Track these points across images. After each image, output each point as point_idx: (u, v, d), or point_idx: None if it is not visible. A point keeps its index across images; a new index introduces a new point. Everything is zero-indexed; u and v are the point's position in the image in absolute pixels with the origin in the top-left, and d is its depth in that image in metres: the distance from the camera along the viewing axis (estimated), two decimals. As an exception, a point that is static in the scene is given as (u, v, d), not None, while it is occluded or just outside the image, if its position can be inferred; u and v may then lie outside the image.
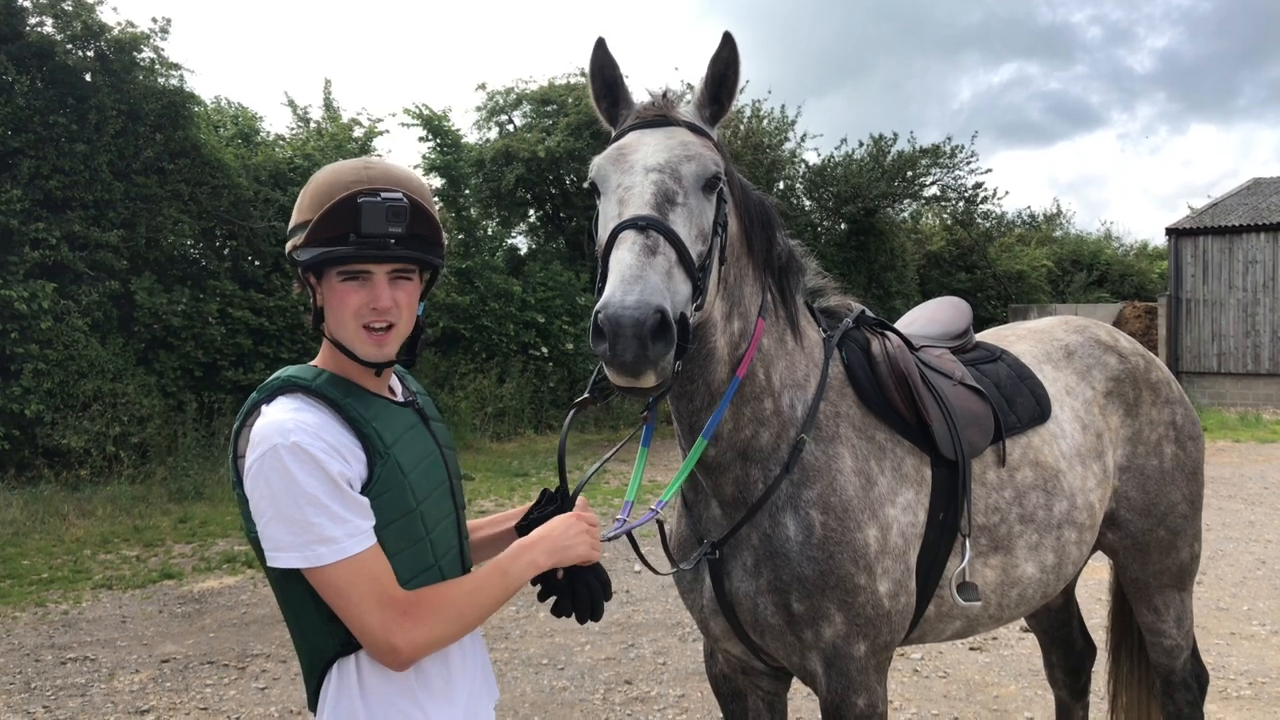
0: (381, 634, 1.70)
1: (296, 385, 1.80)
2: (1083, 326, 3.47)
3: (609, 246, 2.02)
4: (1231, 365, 21.73)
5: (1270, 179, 24.42)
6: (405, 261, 1.83)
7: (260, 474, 1.69)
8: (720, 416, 2.38)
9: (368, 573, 1.70)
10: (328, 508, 1.68)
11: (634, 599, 7.04)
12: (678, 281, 1.99)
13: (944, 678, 5.47)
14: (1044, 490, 2.91)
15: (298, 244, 1.80)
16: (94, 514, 9.93)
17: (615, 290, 1.89)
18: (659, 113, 2.28)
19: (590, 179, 2.26)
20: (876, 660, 2.53)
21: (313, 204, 1.81)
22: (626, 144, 2.23)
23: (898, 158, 22.72)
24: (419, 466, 1.87)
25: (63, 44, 11.59)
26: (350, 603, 1.70)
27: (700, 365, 2.35)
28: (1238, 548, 8.54)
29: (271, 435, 1.70)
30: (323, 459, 1.69)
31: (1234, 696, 5.15)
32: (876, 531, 2.49)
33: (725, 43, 2.27)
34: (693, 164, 2.16)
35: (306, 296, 1.89)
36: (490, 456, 13.98)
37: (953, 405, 2.73)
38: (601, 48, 2.34)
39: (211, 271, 13.34)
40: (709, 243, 2.15)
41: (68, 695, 5.42)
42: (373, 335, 1.82)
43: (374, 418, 1.81)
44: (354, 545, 1.70)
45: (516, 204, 18.61)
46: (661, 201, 2.07)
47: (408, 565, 1.81)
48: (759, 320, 2.45)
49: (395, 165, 1.92)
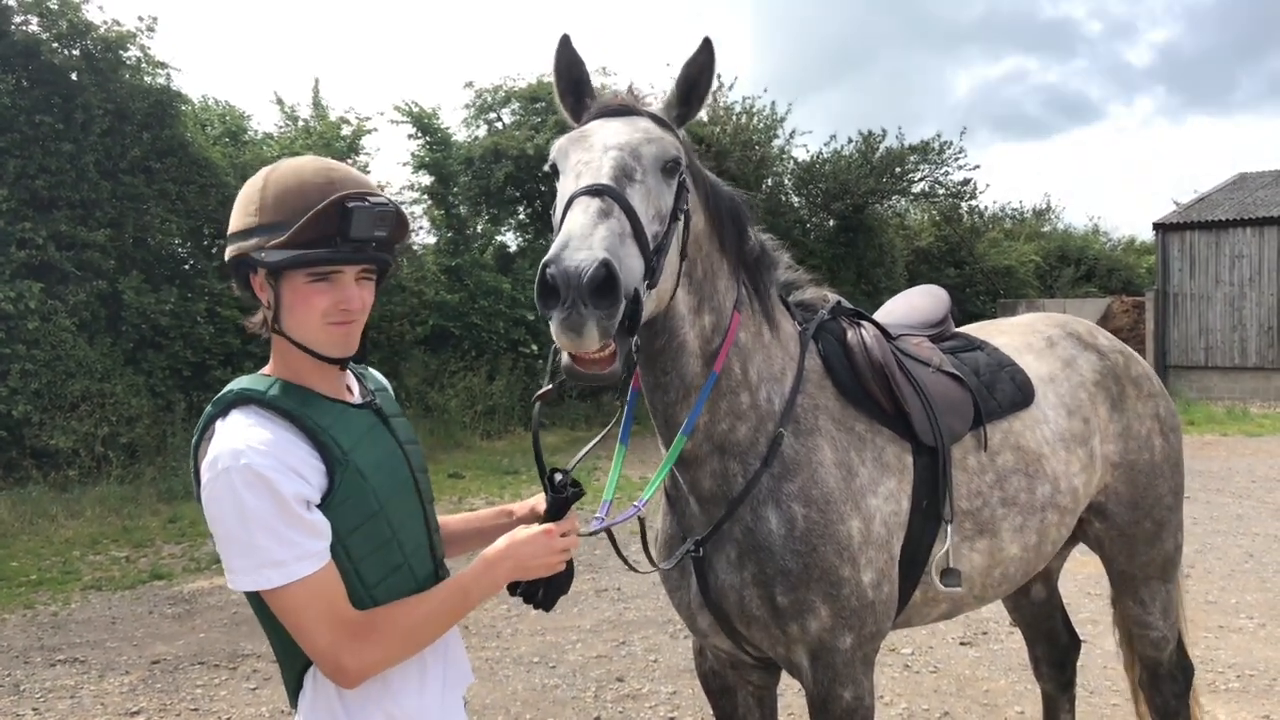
0: (331, 655, 1.72)
1: (250, 398, 1.80)
2: (1062, 322, 3.50)
3: (563, 215, 2.01)
4: (1219, 359, 21.83)
5: (1256, 173, 24.51)
6: (377, 264, 1.85)
7: (213, 497, 1.71)
8: (698, 413, 2.38)
9: (317, 595, 1.72)
10: (276, 531, 1.68)
11: (625, 596, 7.05)
12: (630, 252, 1.97)
13: (934, 672, 5.49)
14: (1025, 474, 2.92)
15: (264, 245, 1.77)
16: (83, 515, 9.89)
17: (564, 243, 1.88)
18: (623, 104, 2.29)
19: (551, 160, 2.26)
20: (863, 652, 2.54)
21: (279, 206, 1.79)
22: (589, 128, 2.24)
23: (886, 154, 22.72)
24: (380, 468, 1.87)
25: (48, 43, 11.49)
26: (300, 624, 1.72)
27: (672, 358, 2.36)
28: (1226, 541, 8.59)
29: (223, 457, 1.70)
30: (274, 479, 1.69)
31: (1222, 689, 5.18)
32: (859, 523, 2.50)
33: (703, 48, 2.28)
34: (653, 146, 2.16)
35: (249, 297, 1.86)
36: (481, 454, 13.97)
37: (931, 392, 2.75)
38: (566, 45, 2.34)
39: (199, 270, 13.27)
40: (666, 226, 2.14)
41: (57, 697, 5.40)
42: (340, 328, 1.82)
43: (330, 425, 1.81)
44: (302, 568, 1.70)
45: (505, 201, 18.57)
46: (619, 175, 2.07)
47: (376, 567, 1.83)
48: (735, 314, 2.45)
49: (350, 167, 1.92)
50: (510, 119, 18.88)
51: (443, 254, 16.86)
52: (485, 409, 15.52)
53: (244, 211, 1.83)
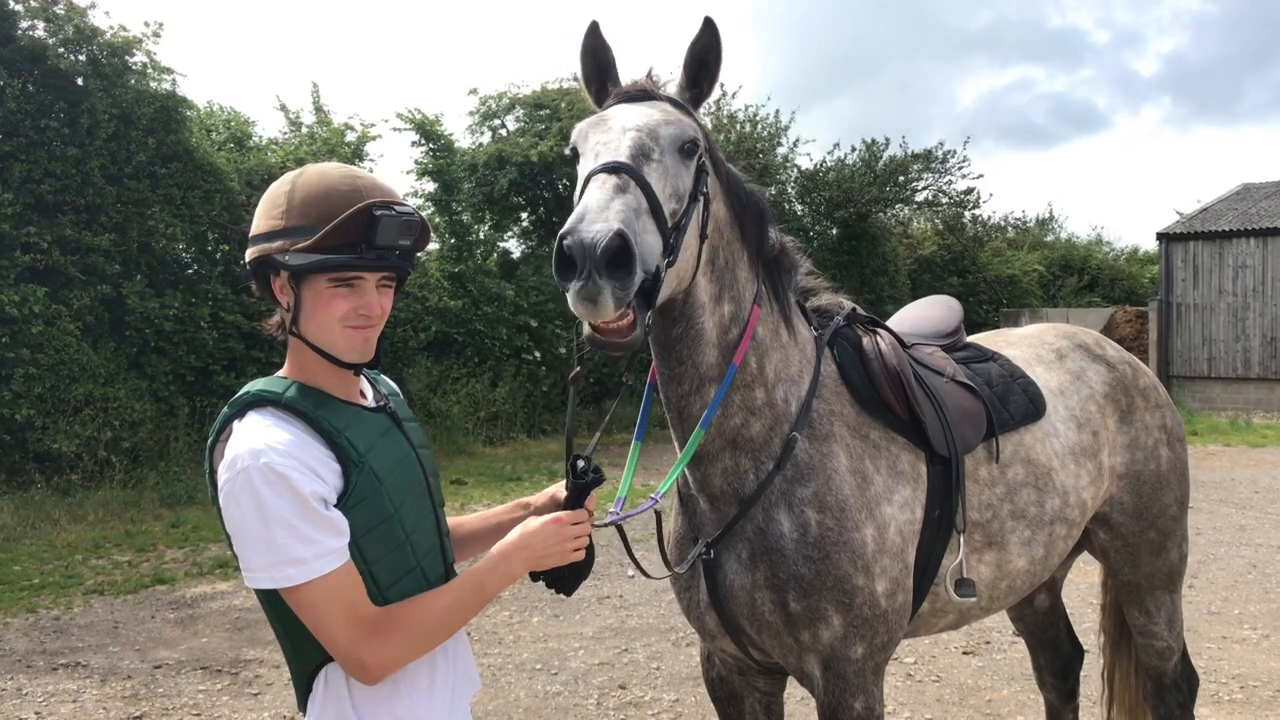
0: (350, 651, 1.74)
1: (266, 399, 1.81)
2: (1071, 333, 3.50)
3: (581, 192, 2.04)
4: (1222, 370, 21.81)
5: (1260, 184, 24.51)
6: (398, 271, 1.87)
7: (231, 496, 1.72)
8: (717, 405, 2.38)
9: (337, 592, 1.73)
10: (297, 529, 1.70)
11: (628, 604, 7.04)
12: (646, 228, 1.99)
13: (937, 681, 5.48)
14: (1036, 488, 2.92)
15: (289, 248, 1.79)
16: (85, 519, 9.90)
17: (580, 215, 1.91)
18: (642, 89, 2.32)
19: (572, 144, 2.28)
20: (874, 662, 2.52)
21: (304, 210, 1.80)
22: (609, 112, 2.27)
23: (890, 162, 22.78)
24: (394, 471, 1.88)
25: (54, 48, 11.53)
26: (320, 621, 1.74)
27: (689, 347, 2.35)
28: (1229, 552, 8.58)
29: (242, 456, 1.71)
30: (294, 478, 1.70)
31: (1225, 700, 5.17)
32: (873, 531, 2.48)
33: (706, 27, 2.29)
34: (671, 128, 2.19)
35: (269, 299, 1.88)
36: (483, 460, 13.97)
37: (945, 401, 2.74)
38: (595, 31, 2.36)
39: (203, 276, 13.31)
40: (684, 205, 2.16)
41: (59, 701, 5.40)
42: (359, 333, 1.84)
43: (346, 427, 1.82)
44: (323, 565, 1.72)
45: (509, 208, 18.62)
46: (637, 154, 2.09)
47: (390, 570, 1.84)
48: (754, 307, 2.45)
49: (375, 174, 1.95)
50: (514, 126, 18.93)
51: (446, 260, 16.89)
52: (488, 415, 15.54)
53: (269, 214, 1.84)
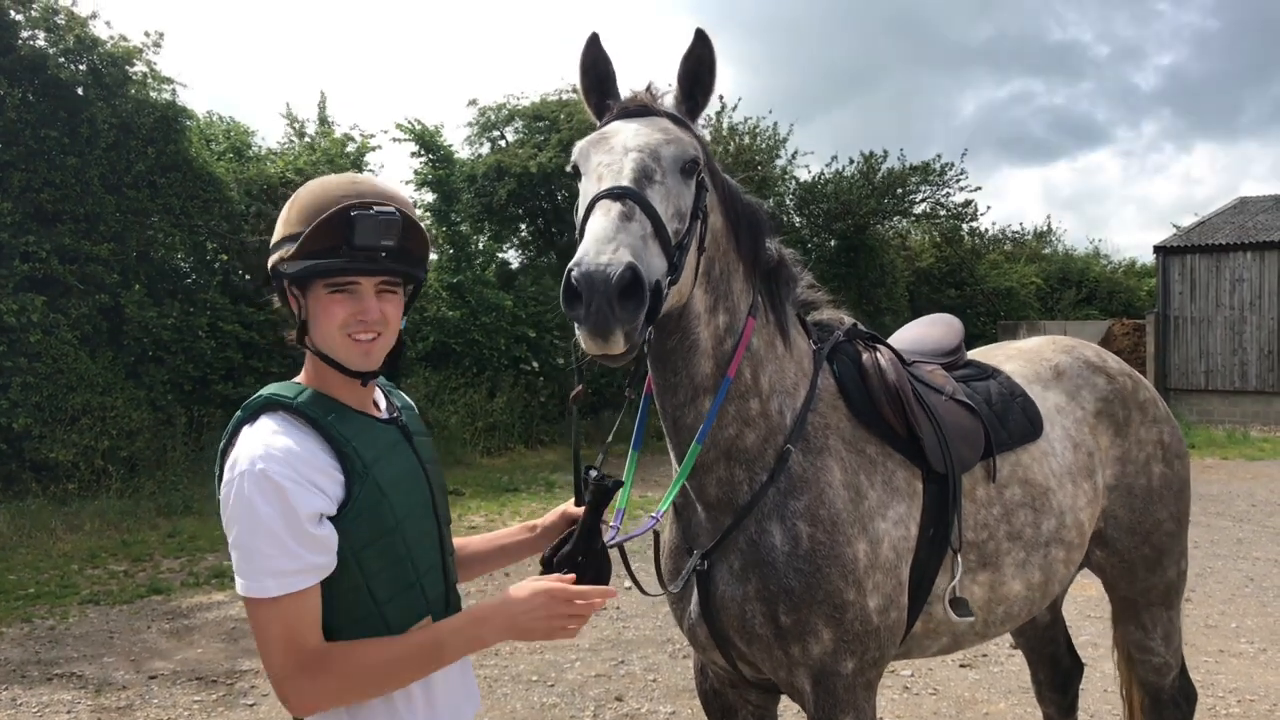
0: (277, 679, 1.73)
1: (278, 404, 1.81)
2: (1070, 346, 3.49)
3: (585, 216, 2.05)
4: (1219, 383, 21.84)
5: (1257, 198, 24.59)
6: (393, 275, 1.85)
7: (227, 499, 1.73)
8: (713, 418, 2.38)
9: (285, 616, 1.71)
10: (281, 541, 1.69)
11: (624, 615, 7.03)
12: (652, 252, 2.01)
13: (934, 694, 5.47)
14: (1032, 508, 2.91)
15: (285, 256, 1.80)
16: (81, 528, 9.88)
17: (589, 248, 1.92)
18: (642, 104, 2.32)
19: (573, 162, 2.29)
20: (865, 678, 2.52)
21: (301, 217, 1.81)
22: (609, 129, 2.27)
23: (888, 175, 22.83)
24: (400, 485, 1.87)
25: (55, 58, 11.56)
26: (262, 640, 1.73)
27: (684, 358, 2.36)
28: (1226, 565, 8.57)
29: (242, 461, 1.72)
30: (288, 489, 1.69)
31: (1223, 715, 5.16)
32: (866, 546, 2.48)
33: (699, 40, 2.30)
34: (672, 147, 2.20)
35: (287, 310, 1.89)
36: (480, 471, 13.96)
37: (943, 419, 2.74)
38: (595, 43, 2.37)
39: (202, 285, 13.31)
40: (686, 224, 2.17)
41: (54, 711, 5.38)
42: (359, 344, 1.83)
43: (354, 436, 1.82)
44: (298, 582, 1.71)
45: (508, 219, 18.65)
46: (640, 177, 2.10)
47: (388, 584, 1.82)
48: (749, 319, 2.46)
49: (383, 180, 1.94)
50: (513, 137, 18.98)
51: (445, 271, 16.89)
52: (486, 426, 15.52)
53: (279, 224, 1.87)
